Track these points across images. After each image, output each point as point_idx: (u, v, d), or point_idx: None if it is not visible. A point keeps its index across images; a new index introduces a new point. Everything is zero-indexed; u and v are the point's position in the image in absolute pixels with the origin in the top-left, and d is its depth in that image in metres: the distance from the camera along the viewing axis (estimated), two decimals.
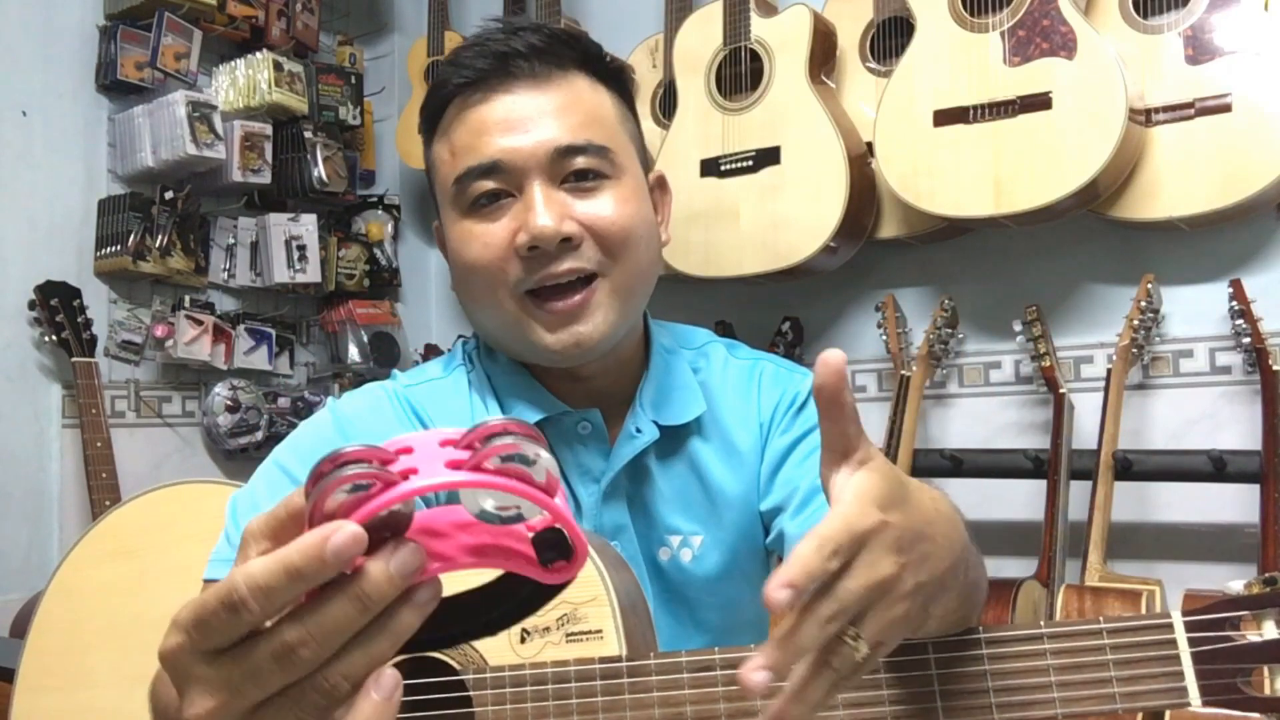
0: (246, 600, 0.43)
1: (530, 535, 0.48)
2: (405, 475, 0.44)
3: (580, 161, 0.92)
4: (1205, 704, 0.68)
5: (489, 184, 0.91)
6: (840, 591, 0.54)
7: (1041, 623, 0.72)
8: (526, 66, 0.93)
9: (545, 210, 0.89)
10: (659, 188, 1.03)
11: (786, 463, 1.00)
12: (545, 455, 0.46)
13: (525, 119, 0.91)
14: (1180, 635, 0.69)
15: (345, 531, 0.42)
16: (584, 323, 0.91)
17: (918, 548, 0.59)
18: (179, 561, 0.93)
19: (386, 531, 0.45)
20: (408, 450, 0.46)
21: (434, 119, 0.97)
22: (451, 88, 0.94)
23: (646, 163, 1.02)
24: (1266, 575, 0.70)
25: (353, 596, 0.43)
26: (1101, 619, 0.71)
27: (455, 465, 0.45)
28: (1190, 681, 0.69)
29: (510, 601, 0.51)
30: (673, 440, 1.00)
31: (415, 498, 0.45)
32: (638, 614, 0.85)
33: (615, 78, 1.00)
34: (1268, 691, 0.68)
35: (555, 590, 0.50)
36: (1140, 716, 1.62)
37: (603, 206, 0.92)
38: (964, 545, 0.68)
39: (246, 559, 0.47)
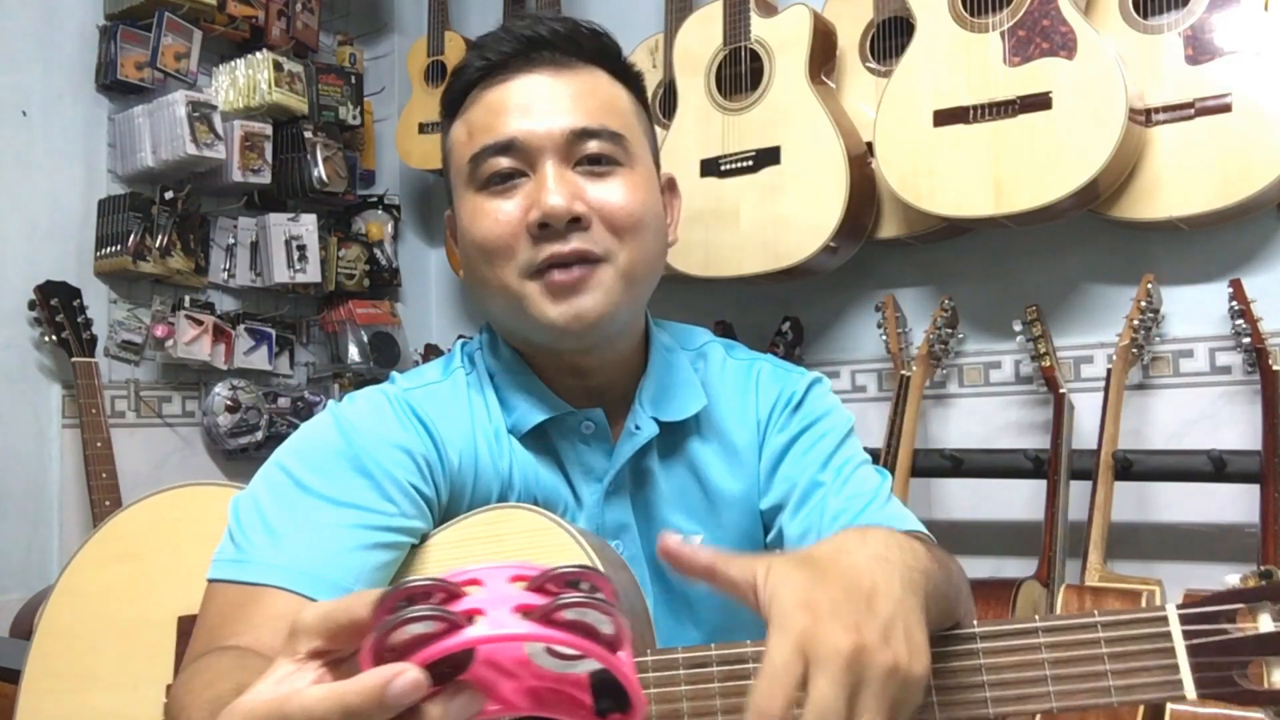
0: None
1: (589, 675, 0.49)
2: (471, 615, 0.45)
3: (594, 146, 0.93)
4: (1201, 696, 0.68)
5: (504, 162, 0.92)
6: (816, 699, 0.55)
7: (1036, 616, 0.72)
8: (549, 54, 0.95)
9: (557, 188, 0.90)
10: (669, 189, 1.04)
11: (785, 460, 1.01)
12: (615, 609, 0.46)
13: (543, 101, 0.93)
14: (1175, 628, 0.69)
15: (407, 677, 0.42)
16: (585, 296, 0.91)
17: (859, 604, 0.60)
18: (183, 564, 0.93)
19: (447, 666, 0.45)
20: (477, 582, 0.47)
21: (455, 103, 0.98)
22: (474, 71, 0.96)
23: (659, 162, 1.03)
24: (1263, 568, 0.70)
25: None
26: (1096, 612, 0.71)
27: (524, 609, 0.45)
28: (1185, 674, 0.68)
29: None
30: (672, 440, 1.01)
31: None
32: (635, 613, 0.85)
33: (634, 80, 1.01)
34: (1266, 684, 0.68)
35: None
36: (1141, 715, 1.62)
37: (613, 191, 0.93)
38: (913, 568, 0.68)
39: (295, 651, 0.47)
